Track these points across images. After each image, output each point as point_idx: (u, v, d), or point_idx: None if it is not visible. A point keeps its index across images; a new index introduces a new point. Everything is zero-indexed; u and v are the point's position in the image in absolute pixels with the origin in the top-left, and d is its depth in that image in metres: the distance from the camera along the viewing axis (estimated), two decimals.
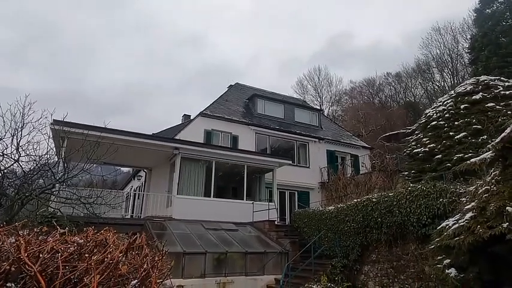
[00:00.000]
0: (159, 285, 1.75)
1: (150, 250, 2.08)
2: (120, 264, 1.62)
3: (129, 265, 1.68)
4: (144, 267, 1.66)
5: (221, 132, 18.46)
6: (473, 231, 6.07)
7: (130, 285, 1.50)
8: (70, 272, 1.52)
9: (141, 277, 1.56)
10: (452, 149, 13.10)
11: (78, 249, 1.72)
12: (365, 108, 38.66)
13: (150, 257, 1.90)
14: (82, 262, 1.55)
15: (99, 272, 1.38)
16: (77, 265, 1.45)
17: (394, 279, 9.36)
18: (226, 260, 10.71)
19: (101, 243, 1.91)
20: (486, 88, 13.94)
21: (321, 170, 20.45)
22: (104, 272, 1.37)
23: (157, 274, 1.80)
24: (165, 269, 1.96)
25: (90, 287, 1.31)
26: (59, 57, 72.13)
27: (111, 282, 1.46)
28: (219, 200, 14.57)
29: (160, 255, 2.10)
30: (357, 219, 10.53)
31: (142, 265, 1.68)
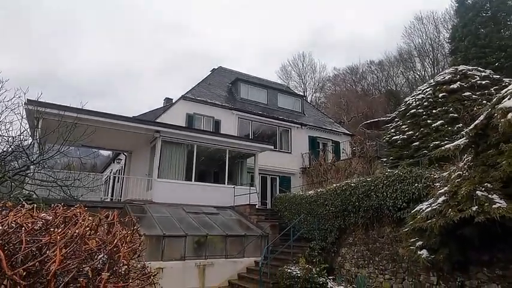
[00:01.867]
0: (129, 260, 1.73)
1: (122, 228, 2.05)
2: (89, 239, 1.59)
3: (99, 240, 1.65)
4: (115, 242, 1.64)
5: (203, 116, 18.28)
6: (445, 215, 6.31)
7: (98, 258, 1.48)
8: (35, 247, 1.47)
9: (110, 251, 1.54)
10: (430, 136, 13.43)
11: (44, 224, 1.67)
12: (347, 96, 39.05)
13: (120, 232, 1.87)
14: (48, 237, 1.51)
15: (65, 246, 1.34)
16: (41, 239, 1.41)
17: (369, 260, 9.67)
18: (207, 242, 10.78)
19: (70, 219, 1.86)
20: (464, 77, 14.27)
21: (302, 156, 20.66)
22: (68, 245, 1.34)
23: (127, 249, 1.78)
24: (137, 245, 1.94)
25: (54, 260, 1.27)
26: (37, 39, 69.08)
27: (77, 256, 1.43)
28: (200, 184, 14.54)
29: (131, 232, 2.07)
30: (335, 203, 10.75)
31: (113, 240, 1.66)
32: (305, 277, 8.94)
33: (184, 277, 9.95)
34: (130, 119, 13.08)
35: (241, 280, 10.55)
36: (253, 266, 10.90)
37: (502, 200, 5.69)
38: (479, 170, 6.43)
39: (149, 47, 78.89)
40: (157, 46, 77.94)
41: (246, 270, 10.96)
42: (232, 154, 15.80)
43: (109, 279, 1.43)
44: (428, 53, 38.12)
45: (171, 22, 79.86)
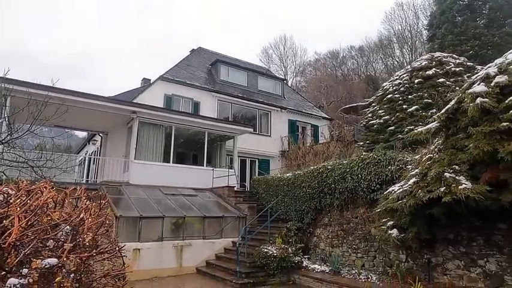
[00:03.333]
0: (95, 233, 1.70)
1: (91, 203, 2.01)
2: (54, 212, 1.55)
3: (63, 213, 1.61)
4: (81, 216, 1.60)
5: (182, 98, 17.96)
6: (415, 195, 6.56)
7: (61, 230, 1.45)
8: None
9: (74, 223, 1.52)
10: (405, 121, 13.75)
11: (5, 198, 1.62)
12: (327, 80, 39.29)
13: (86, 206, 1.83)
14: None
15: (25, 217, 1.30)
16: None
17: (343, 240, 10.00)
18: (184, 224, 10.81)
19: (35, 193, 1.81)
20: (439, 64, 14.61)
21: (281, 139, 20.80)
22: (28, 216, 1.30)
23: (93, 222, 1.75)
24: (103, 218, 1.91)
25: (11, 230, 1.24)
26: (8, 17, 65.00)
27: (38, 227, 1.40)
28: (178, 165, 14.44)
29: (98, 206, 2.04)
30: (312, 185, 10.96)
31: (78, 213, 1.63)
32: (281, 256, 9.16)
33: (162, 258, 9.99)
34: (105, 98, 12.69)
35: (219, 260, 10.69)
36: (230, 247, 11.06)
37: (468, 181, 5.95)
38: (448, 152, 6.68)
39: (129, 28, 76.03)
40: (138, 26, 75.16)
41: (223, 251, 11.11)
42: (211, 136, 15.71)
43: (73, 250, 1.41)
44: (407, 39, 38.68)
45: (151, 1, 76.90)
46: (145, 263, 9.65)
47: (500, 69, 5.80)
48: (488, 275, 6.80)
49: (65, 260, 1.27)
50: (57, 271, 1.24)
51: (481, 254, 6.95)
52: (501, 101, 5.47)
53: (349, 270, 8.94)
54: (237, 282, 8.60)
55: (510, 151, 5.12)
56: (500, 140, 5.32)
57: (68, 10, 70.97)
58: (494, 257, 6.75)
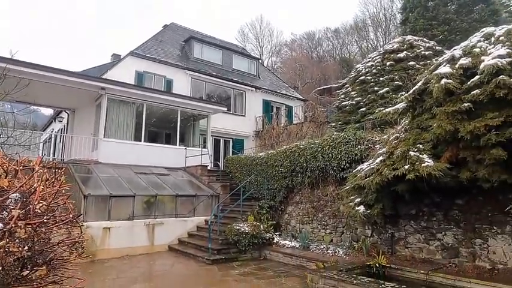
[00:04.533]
0: (50, 202, 1.64)
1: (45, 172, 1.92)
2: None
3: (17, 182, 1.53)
4: (33, 184, 1.53)
5: (154, 75, 17.42)
6: (381, 173, 6.80)
7: (11, 197, 1.38)
8: None
9: (23, 191, 1.45)
10: (375, 103, 14.09)
11: None
12: (303, 61, 39.29)
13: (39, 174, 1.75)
14: None
15: None
16: None
17: (313, 217, 10.31)
18: (156, 202, 10.72)
19: None
20: (410, 47, 14.93)
21: (256, 119, 20.79)
22: None
23: (46, 191, 1.69)
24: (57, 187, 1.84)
25: None
26: None
27: None
28: (150, 144, 14.17)
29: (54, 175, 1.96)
30: (285, 164, 11.12)
31: (29, 182, 1.55)
32: (253, 233, 9.33)
33: (133, 236, 9.91)
34: (70, 73, 12.06)
35: (191, 238, 10.75)
36: (203, 225, 11.13)
37: (430, 159, 6.22)
38: (414, 132, 6.93)
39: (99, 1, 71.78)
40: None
41: (196, 229, 11.17)
42: (184, 115, 15.44)
43: (24, 218, 1.35)
44: (382, 23, 39.11)
45: None
46: (116, 242, 9.55)
47: (465, 51, 6.01)
48: (445, 247, 7.26)
49: (13, 227, 1.22)
50: (2, 236, 1.18)
51: (440, 228, 7.39)
52: (464, 83, 5.69)
53: (317, 246, 9.26)
54: (208, 259, 8.71)
55: (470, 130, 5.37)
56: (462, 120, 5.57)
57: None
58: (452, 231, 7.20)
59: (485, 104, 5.39)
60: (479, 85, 5.38)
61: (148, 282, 7.05)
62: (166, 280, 7.24)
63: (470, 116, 5.55)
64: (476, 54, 5.73)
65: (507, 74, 5.11)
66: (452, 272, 6.48)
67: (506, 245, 6.38)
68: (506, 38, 5.59)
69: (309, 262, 8.22)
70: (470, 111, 5.51)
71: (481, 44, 5.88)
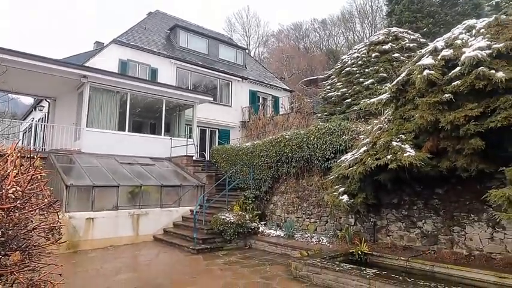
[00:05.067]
0: (24, 187, 1.59)
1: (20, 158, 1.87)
2: None
3: None
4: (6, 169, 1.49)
5: (138, 64, 17.08)
6: (364, 163, 6.91)
7: None
8: None
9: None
10: (361, 94, 14.23)
11: None
12: (290, 52, 39.20)
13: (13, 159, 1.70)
14: None
15: None
16: None
17: (298, 206, 10.42)
18: (141, 193, 10.63)
19: None
20: (395, 39, 15.07)
21: (242, 110, 20.72)
22: None
23: (20, 176, 1.64)
24: (33, 173, 1.79)
25: None
26: None
27: None
28: (135, 134, 13.96)
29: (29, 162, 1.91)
30: (270, 154, 11.16)
31: (5, 168, 1.51)
32: (238, 223, 9.38)
33: (118, 226, 9.83)
34: (50, 60, 11.68)
35: (177, 228, 10.73)
36: (188, 215, 11.11)
37: (412, 149, 6.35)
38: (397, 123, 7.05)
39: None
40: None
41: (181, 219, 11.15)
42: (169, 105, 15.25)
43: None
44: (368, 14, 39.31)
45: None
46: (99, 232, 9.45)
47: (447, 43, 6.10)
48: (425, 235, 7.47)
49: None
50: None
51: (420, 217, 7.59)
52: (446, 74, 5.80)
53: (302, 234, 9.39)
54: (194, 248, 8.73)
55: (450, 121, 5.50)
56: (442, 110, 5.69)
57: None
58: (431, 219, 7.41)
59: (466, 95, 5.52)
60: (460, 76, 5.49)
61: (133, 272, 7.02)
62: (151, 270, 7.22)
63: (451, 107, 5.67)
64: (458, 46, 5.83)
65: (486, 65, 5.23)
66: (431, 259, 6.69)
67: (482, 232, 6.62)
68: (487, 30, 5.71)
69: (293, 250, 8.33)
70: (451, 102, 5.63)
71: (462, 36, 5.98)
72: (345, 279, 5.72)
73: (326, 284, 5.93)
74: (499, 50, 5.22)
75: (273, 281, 6.32)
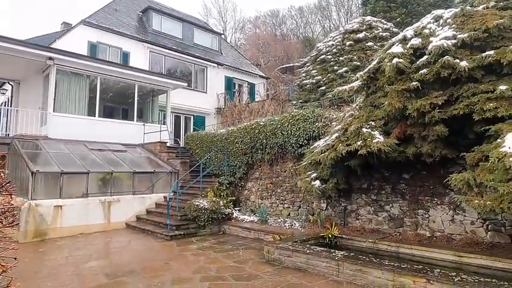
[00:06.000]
0: None
1: None
2: None
3: None
4: None
5: (109, 47, 16.43)
6: (336, 149, 7.06)
7: None
8: None
9: None
10: (335, 82, 14.41)
11: None
12: (266, 39, 38.95)
13: None
14: None
15: None
16: None
17: (272, 192, 10.55)
18: (112, 179, 10.39)
19: None
20: (369, 28, 15.30)
21: (218, 96, 20.51)
22: None
23: None
24: None
25: None
26: None
27: None
28: (105, 120, 13.54)
29: None
30: (245, 140, 11.17)
31: None
32: (212, 209, 9.40)
33: (88, 214, 9.59)
34: (12, 40, 11.01)
35: (150, 215, 10.62)
36: (162, 202, 11.00)
37: (381, 135, 6.54)
38: (367, 110, 7.22)
39: None
40: None
41: (155, 206, 11.03)
42: (142, 90, 14.84)
43: None
44: (344, 3, 39.54)
45: None
46: (69, 220, 9.20)
47: (416, 32, 6.26)
48: (392, 218, 7.79)
49: None
50: None
51: (388, 201, 7.90)
52: (414, 62, 5.97)
53: (275, 219, 9.54)
54: (167, 235, 8.68)
55: (417, 108, 5.69)
56: (410, 98, 5.87)
57: None
58: (398, 203, 7.73)
59: (432, 83, 5.71)
60: (427, 65, 5.67)
61: (104, 259, 6.91)
62: (123, 256, 7.14)
63: (418, 95, 5.86)
64: (426, 35, 6.00)
65: (452, 55, 5.42)
66: (396, 240, 7.00)
67: (444, 215, 6.98)
68: (453, 20, 5.89)
69: (266, 235, 8.47)
70: (418, 90, 5.82)
71: (430, 26, 6.15)
72: (315, 262, 5.89)
73: (297, 266, 6.09)
74: (464, 40, 5.42)
75: (245, 264, 6.42)
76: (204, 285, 5.26)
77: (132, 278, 5.64)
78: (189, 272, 5.93)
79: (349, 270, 5.36)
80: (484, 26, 5.40)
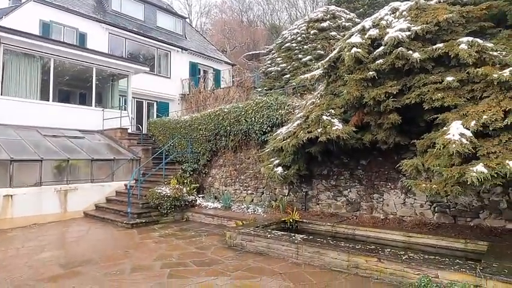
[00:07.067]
0: None
1: None
2: None
3: None
4: None
5: (64, 27, 15.42)
6: (297, 136, 7.20)
7: None
8: None
9: None
10: (299, 70, 14.58)
11: None
12: (232, 24, 38.40)
13: None
14: None
15: None
16: None
17: (236, 179, 10.62)
18: (69, 167, 9.93)
19: None
20: (333, 18, 15.56)
21: (182, 82, 20.05)
22: None
23: None
24: None
25: None
26: None
27: None
28: (61, 105, 12.81)
29: None
30: (209, 127, 11.08)
31: None
32: (175, 196, 9.30)
33: (42, 203, 9.14)
34: None
35: (110, 203, 10.32)
36: (123, 189, 10.70)
37: (340, 123, 6.76)
38: (328, 98, 7.41)
39: None
40: None
41: (115, 194, 10.72)
42: (101, 74, 14.14)
43: None
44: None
45: None
46: (20, 210, 8.72)
47: (374, 23, 6.46)
48: (350, 202, 8.15)
49: None
50: None
51: (346, 186, 8.23)
52: (371, 52, 6.18)
53: (239, 206, 9.64)
54: (128, 223, 8.50)
55: (373, 97, 5.92)
56: (367, 87, 6.10)
57: None
58: (355, 188, 8.08)
59: (387, 73, 5.96)
60: (383, 55, 5.90)
61: (59, 250, 6.65)
62: (80, 246, 6.91)
63: (375, 84, 6.10)
64: (383, 26, 6.21)
65: (406, 46, 5.67)
66: (353, 223, 7.35)
67: (397, 198, 7.41)
68: (408, 13, 6.15)
69: (229, 221, 8.55)
70: (375, 79, 6.05)
71: (387, 17, 6.37)
72: (275, 245, 6.05)
73: (258, 251, 6.23)
74: (417, 32, 5.68)
75: (207, 250, 6.46)
76: (165, 271, 5.25)
77: (89, 267, 5.49)
78: (149, 260, 5.87)
79: (307, 253, 5.57)
80: (435, 19, 5.68)
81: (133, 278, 4.98)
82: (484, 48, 5.13)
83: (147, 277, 5.01)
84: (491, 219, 6.33)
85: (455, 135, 4.67)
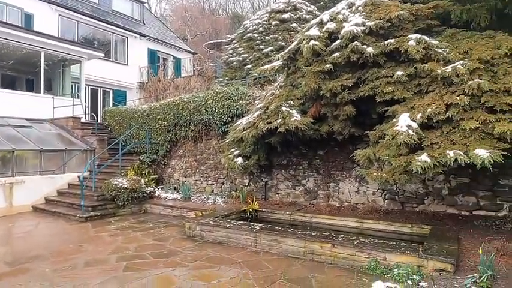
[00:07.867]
0: None
1: None
2: None
3: None
4: None
5: (6, 6, 14.15)
6: (257, 126, 7.26)
7: None
8: None
9: None
10: (260, 61, 14.60)
11: None
12: (194, 11, 37.45)
13: None
14: None
15: None
16: None
17: (196, 170, 10.52)
18: (14, 159, 9.27)
19: None
20: (294, 9, 15.69)
21: (140, 69, 19.31)
22: None
23: None
24: None
25: None
26: None
27: None
28: (4, 91, 11.88)
29: None
30: (168, 117, 10.83)
31: None
32: (132, 188, 9.05)
33: None
34: None
35: (62, 196, 9.81)
36: (76, 182, 10.20)
37: (298, 114, 6.90)
38: (287, 89, 7.52)
39: None
40: None
41: (67, 186, 10.22)
42: (51, 59, 13.22)
43: None
44: None
45: None
46: None
47: (331, 16, 6.62)
48: (307, 191, 8.41)
49: None
50: None
51: (304, 176, 8.47)
52: (328, 45, 6.33)
53: (199, 196, 9.58)
54: (81, 216, 8.15)
55: (329, 89, 6.10)
56: (324, 79, 6.26)
57: None
58: (313, 177, 8.35)
59: (343, 66, 6.15)
60: (339, 49, 6.07)
61: (4, 246, 6.23)
62: (27, 242, 6.52)
63: (331, 76, 6.27)
64: (340, 20, 6.38)
65: (360, 41, 5.87)
66: (310, 211, 7.60)
67: (351, 187, 7.76)
68: (363, 8, 6.36)
69: (189, 212, 8.49)
70: (331, 72, 6.22)
71: (344, 12, 6.55)
72: (235, 235, 6.11)
73: (217, 241, 6.26)
74: (371, 27, 5.90)
75: (166, 242, 6.38)
76: (121, 265, 5.12)
77: (38, 263, 5.21)
78: (104, 254, 5.69)
79: (265, 241, 5.70)
80: (387, 16, 5.94)
81: (87, 273, 4.81)
82: (431, 45, 5.46)
83: (101, 271, 4.86)
84: (434, 205, 6.85)
85: (403, 127, 4.97)
